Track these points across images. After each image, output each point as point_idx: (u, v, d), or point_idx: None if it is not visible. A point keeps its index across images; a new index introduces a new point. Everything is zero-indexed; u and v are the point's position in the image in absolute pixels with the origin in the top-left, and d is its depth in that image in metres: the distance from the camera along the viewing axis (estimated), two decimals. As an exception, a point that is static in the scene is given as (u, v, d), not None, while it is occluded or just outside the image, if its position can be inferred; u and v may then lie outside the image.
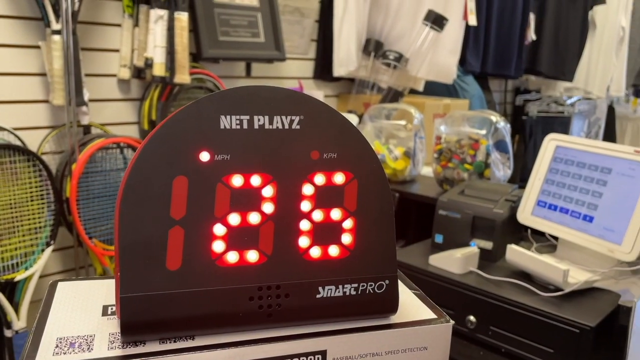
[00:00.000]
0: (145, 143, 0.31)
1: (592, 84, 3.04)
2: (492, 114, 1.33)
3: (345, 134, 0.34)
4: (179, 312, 0.31)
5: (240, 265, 0.32)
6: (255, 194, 0.32)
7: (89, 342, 0.31)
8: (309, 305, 0.33)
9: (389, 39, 2.08)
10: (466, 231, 1.08)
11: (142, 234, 0.30)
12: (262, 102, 0.33)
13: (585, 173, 0.98)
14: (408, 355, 0.35)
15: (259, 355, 0.32)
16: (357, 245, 0.34)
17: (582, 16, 2.76)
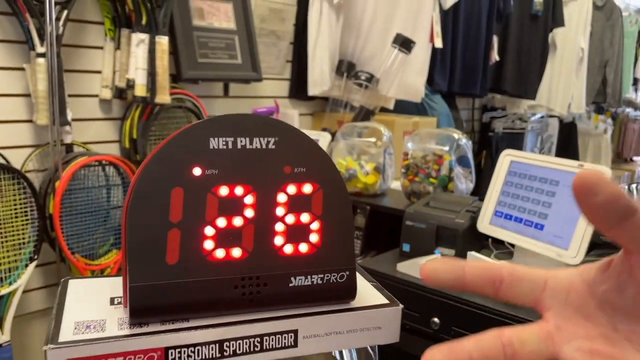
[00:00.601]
0: (148, 159, 0.38)
1: (555, 101, 3.21)
2: (454, 131, 1.43)
3: (312, 152, 0.42)
4: (176, 298, 0.38)
5: (227, 260, 0.39)
6: (239, 202, 0.40)
7: (102, 324, 0.38)
8: (283, 292, 0.41)
9: (361, 60, 2.18)
10: (431, 240, 1.16)
11: (146, 235, 0.37)
12: (244, 127, 0.40)
13: (536, 185, 1.08)
14: (365, 333, 0.42)
15: (241, 334, 0.39)
16: (322, 243, 0.42)
17: (543, 38, 2.93)
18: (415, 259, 1.13)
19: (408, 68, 2.14)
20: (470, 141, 1.42)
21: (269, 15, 2.04)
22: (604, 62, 3.62)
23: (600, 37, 3.52)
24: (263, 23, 2.02)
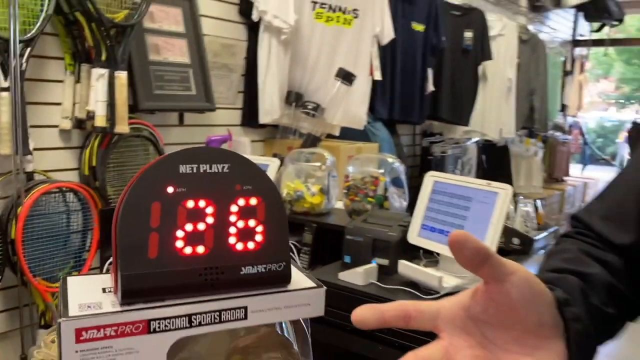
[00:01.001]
0: (133, 181, 0.52)
1: (488, 127, 3.49)
2: (389, 156, 1.61)
3: (257, 174, 0.56)
4: (156, 284, 0.51)
5: (193, 255, 0.53)
6: (202, 212, 0.54)
7: (99, 305, 0.50)
8: (236, 278, 0.54)
9: (308, 91, 2.36)
10: (368, 251, 1.32)
11: (133, 236, 0.51)
12: (205, 156, 0.54)
13: (454, 201, 1.27)
14: (298, 309, 0.57)
15: (204, 310, 0.53)
16: (265, 241, 0.56)
17: (474, 70, 3.21)
18: (355, 268, 1.28)
19: (351, 98, 2.34)
20: (402, 165, 1.61)
21: (221, 50, 2.19)
22: (530, 90, 3.97)
23: (527, 68, 3.87)
24: (216, 57, 2.16)
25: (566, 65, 5.21)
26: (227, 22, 2.20)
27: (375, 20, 2.37)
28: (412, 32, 2.69)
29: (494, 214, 1.19)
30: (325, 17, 2.29)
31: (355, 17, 2.33)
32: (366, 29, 2.36)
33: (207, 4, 2.10)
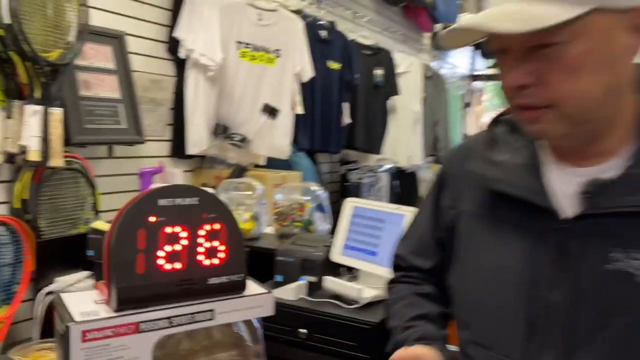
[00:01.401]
0: (122, 211, 0.66)
1: (398, 155, 3.82)
2: (313, 184, 1.80)
3: (219, 205, 0.72)
4: (143, 293, 0.65)
5: (172, 270, 0.67)
6: (177, 236, 0.68)
7: (97, 312, 0.63)
8: (205, 287, 0.69)
9: (234, 123, 2.50)
10: (297, 270, 1.49)
11: (124, 256, 0.64)
12: (179, 192, 0.69)
13: (370, 223, 1.47)
14: (253, 310, 0.72)
15: (181, 313, 0.67)
16: (227, 257, 0.71)
17: (384, 103, 3.53)
18: (285, 286, 1.44)
19: (276, 130, 2.52)
20: (325, 192, 1.80)
21: (150, 85, 2.29)
22: (435, 122, 4.38)
23: (431, 101, 4.28)
24: (145, 92, 2.26)
25: (465, 98, 5.76)
26: (155, 58, 2.31)
27: (296, 60, 2.59)
28: (329, 70, 2.94)
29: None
30: (250, 56, 2.47)
31: (278, 56, 2.54)
32: (288, 68, 2.57)
33: (136, 42, 2.21)
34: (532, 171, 0.76)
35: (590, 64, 0.66)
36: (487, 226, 0.80)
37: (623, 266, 0.68)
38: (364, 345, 1.28)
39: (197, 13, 2.31)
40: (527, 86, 0.68)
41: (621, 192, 0.69)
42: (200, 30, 2.31)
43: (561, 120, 0.69)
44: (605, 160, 0.73)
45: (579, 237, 0.71)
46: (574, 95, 0.67)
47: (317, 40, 2.87)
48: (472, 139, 0.93)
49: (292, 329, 1.37)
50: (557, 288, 0.72)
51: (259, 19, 2.48)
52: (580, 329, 0.70)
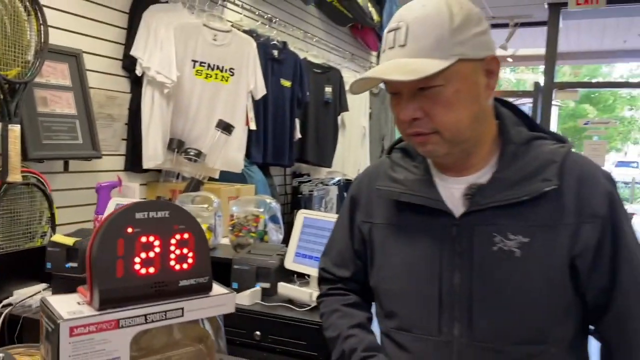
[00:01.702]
0: (103, 222, 0.76)
1: (347, 168, 3.99)
2: (267, 197, 1.92)
3: (188, 216, 0.83)
4: (122, 294, 0.75)
5: (147, 274, 0.78)
6: (152, 244, 0.79)
7: (81, 312, 0.73)
8: (176, 289, 0.80)
9: (190, 138, 2.59)
10: (252, 278, 1.59)
11: (105, 262, 0.74)
12: (152, 207, 0.80)
13: (319, 232, 1.60)
14: (217, 308, 0.84)
15: (155, 310, 0.77)
16: (195, 263, 0.83)
17: (334, 119, 3.70)
18: (241, 292, 1.54)
19: (230, 145, 2.62)
20: (278, 204, 1.92)
21: (106, 101, 2.35)
22: (382, 136, 4.60)
23: (378, 117, 4.50)
24: (101, 108, 2.32)
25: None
26: (111, 76, 2.37)
27: (250, 78, 2.71)
28: (281, 87, 3.08)
29: (350, 241, 1.55)
30: (204, 74, 2.57)
31: (232, 75, 2.65)
32: (242, 85, 2.68)
33: (92, 60, 2.27)
34: (427, 184, 0.96)
35: (461, 100, 0.87)
36: (397, 232, 0.99)
37: (503, 246, 0.88)
38: (313, 344, 1.40)
39: (153, 32, 2.39)
40: (416, 119, 0.88)
41: (492, 192, 0.90)
42: (156, 49, 2.39)
43: (443, 143, 0.89)
44: (479, 170, 0.94)
45: (468, 228, 0.91)
46: (451, 124, 0.87)
47: (270, 59, 3.01)
48: (374, 166, 1.12)
49: (248, 332, 1.47)
50: (456, 271, 0.91)
51: (214, 39, 2.59)
52: (477, 302, 0.89)
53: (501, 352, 0.88)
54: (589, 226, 0.88)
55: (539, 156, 0.91)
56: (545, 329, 0.89)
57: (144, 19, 2.37)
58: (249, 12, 3.10)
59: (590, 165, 0.93)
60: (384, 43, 0.91)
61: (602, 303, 0.92)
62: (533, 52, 7.02)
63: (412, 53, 0.85)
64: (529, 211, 0.88)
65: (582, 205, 0.89)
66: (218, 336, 0.91)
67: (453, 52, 0.85)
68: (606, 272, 0.90)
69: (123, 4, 2.38)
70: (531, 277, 0.88)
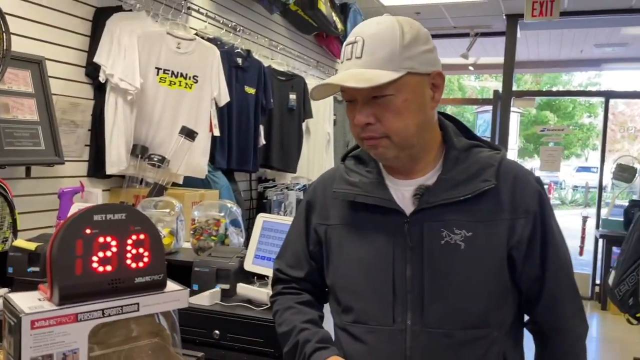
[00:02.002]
0: (64, 224, 0.82)
1: (312, 173, 4.07)
2: (228, 202, 1.98)
3: (144, 219, 0.90)
4: (81, 291, 0.81)
5: (104, 272, 0.84)
6: (109, 245, 0.85)
7: (42, 307, 0.79)
8: (133, 285, 0.87)
9: (153, 144, 2.63)
10: (213, 279, 1.66)
11: (65, 261, 0.80)
12: (109, 209, 0.86)
13: (278, 235, 1.68)
14: (171, 303, 0.90)
15: (112, 305, 0.84)
16: (150, 261, 0.89)
17: (299, 125, 3.78)
18: (202, 293, 1.60)
19: (193, 151, 2.67)
20: (239, 209, 1.99)
21: (69, 108, 2.37)
22: (346, 142, 4.71)
23: (342, 123, 4.60)
24: (64, 114, 2.34)
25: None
26: (74, 82, 2.40)
27: (213, 85, 2.77)
28: (245, 94, 3.15)
29: (306, 243, 1.63)
30: (168, 82, 2.62)
31: (196, 82, 2.71)
32: (205, 92, 2.74)
33: (55, 67, 2.29)
34: (379, 186, 1.05)
35: (409, 109, 0.97)
36: (353, 231, 1.06)
37: (449, 240, 0.98)
38: (270, 341, 1.47)
39: (117, 40, 2.43)
40: (369, 124, 0.97)
41: (438, 191, 1.00)
42: (119, 56, 2.43)
43: (392, 147, 0.99)
44: (425, 173, 1.05)
45: (418, 225, 1.00)
46: (399, 130, 0.97)
47: (234, 66, 3.07)
48: (328, 173, 1.20)
49: (207, 331, 1.53)
50: (408, 264, 0.99)
51: (177, 47, 2.64)
52: (427, 291, 0.98)
53: (450, 336, 0.97)
54: (523, 221, 1.00)
55: (479, 160, 1.02)
56: (487, 314, 0.99)
57: (107, 26, 2.41)
58: (213, 20, 3.16)
59: (522, 169, 1.06)
60: (342, 55, 1.00)
61: (534, 290, 1.03)
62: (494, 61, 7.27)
63: (367, 64, 0.94)
64: (471, 208, 0.99)
65: (517, 203, 1.00)
66: (173, 331, 0.97)
67: (403, 66, 0.95)
68: (537, 262, 1.02)
69: (86, 12, 2.41)
70: (474, 267, 0.98)
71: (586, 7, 5.27)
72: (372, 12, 5.21)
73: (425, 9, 5.32)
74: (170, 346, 0.96)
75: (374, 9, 5.13)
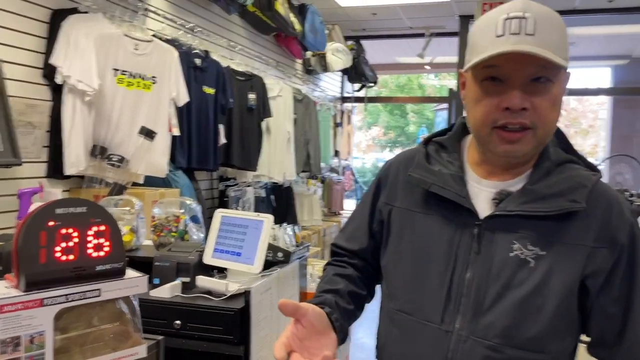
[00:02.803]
0: (28, 216, 0.89)
1: (273, 171, 4.16)
2: (188, 199, 2.05)
3: (103, 212, 0.97)
4: (45, 277, 0.88)
5: (67, 260, 0.91)
6: (70, 236, 0.92)
7: (9, 293, 0.85)
8: (94, 273, 0.94)
9: (112, 145, 2.66)
10: (173, 273, 1.73)
11: (30, 251, 0.87)
12: (70, 203, 0.93)
13: (236, 229, 1.76)
14: (131, 289, 0.98)
15: (75, 291, 0.91)
16: (110, 251, 0.97)
17: (258, 125, 3.86)
18: (162, 286, 1.67)
19: (153, 150, 2.72)
20: (199, 205, 2.06)
21: (26, 109, 2.38)
22: (306, 140, 4.81)
23: (302, 122, 4.70)
24: (21, 116, 2.35)
25: (336, 118, 6.31)
26: (31, 84, 2.41)
27: (172, 86, 2.82)
28: (204, 94, 3.20)
29: (262, 236, 1.72)
30: (126, 82, 2.66)
31: (154, 82, 2.75)
32: (164, 93, 2.79)
33: (11, 68, 2.30)
34: (458, 180, 0.97)
35: (557, 103, 0.90)
36: (418, 219, 1.01)
37: (520, 254, 0.91)
38: (229, 328, 1.56)
39: (73, 42, 2.45)
40: (525, 109, 0.87)
41: (520, 201, 0.92)
42: (76, 58, 2.45)
43: (533, 141, 0.90)
44: (512, 178, 0.97)
45: (490, 230, 0.93)
46: (549, 122, 0.90)
47: (192, 67, 3.13)
48: (407, 153, 1.11)
49: (168, 321, 1.61)
50: (470, 268, 0.94)
51: (135, 49, 2.68)
52: (485, 299, 0.92)
53: (498, 351, 0.90)
54: (607, 251, 0.90)
55: (571, 178, 0.93)
56: (544, 340, 0.91)
57: (63, 28, 2.43)
58: (170, 21, 3.20)
59: (617, 196, 0.96)
60: (497, 26, 0.86)
61: (612, 332, 0.93)
62: (450, 60, 7.51)
63: (541, 43, 0.84)
64: (552, 227, 0.91)
65: (605, 231, 0.91)
66: (134, 316, 1.05)
67: (566, 57, 0.87)
68: (616, 299, 0.92)
69: (42, 14, 2.43)
70: (541, 287, 0.90)
71: (533, 9, 5.53)
72: (329, 12, 5.34)
73: (382, 10, 5.47)
74: (132, 330, 1.03)
75: (331, 9, 5.26)
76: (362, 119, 15.39)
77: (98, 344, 0.97)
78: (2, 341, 0.83)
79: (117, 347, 1.00)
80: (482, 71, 0.89)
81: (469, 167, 1.01)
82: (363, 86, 6.82)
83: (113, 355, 0.99)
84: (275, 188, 4.51)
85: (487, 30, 0.88)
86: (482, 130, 0.92)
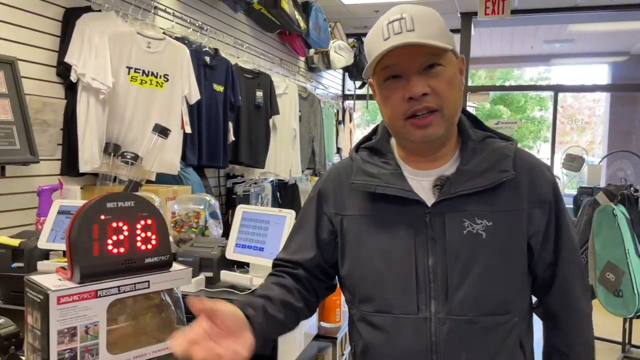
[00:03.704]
0: (80, 211, 0.91)
1: (279, 169, 4.18)
2: (207, 195, 2.07)
3: (150, 206, 0.99)
4: (98, 270, 0.90)
5: (118, 253, 0.93)
6: (121, 229, 0.94)
7: (65, 285, 0.88)
8: (143, 265, 0.96)
9: (125, 142, 2.67)
10: (196, 268, 1.75)
11: (84, 244, 0.90)
12: (120, 198, 0.96)
13: (258, 224, 1.79)
14: (177, 281, 1.00)
15: (126, 283, 0.93)
16: (157, 244, 0.99)
17: (265, 122, 3.88)
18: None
19: (166, 148, 2.73)
20: (217, 201, 2.08)
21: (42, 107, 2.40)
22: (311, 138, 4.83)
23: (307, 119, 4.72)
24: (37, 114, 2.36)
25: (338, 115, 6.33)
26: (46, 82, 2.42)
27: (184, 84, 2.84)
28: (214, 92, 3.22)
29: (285, 231, 1.74)
30: (139, 80, 2.67)
31: (167, 80, 2.76)
32: (176, 91, 2.80)
33: (27, 67, 2.31)
34: (399, 177, 1.04)
35: (455, 83, 0.99)
36: (373, 221, 1.05)
37: (471, 229, 0.99)
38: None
39: (87, 40, 2.46)
40: (426, 94, 0.95)
41: (459, 182, 1.00)
42: (90, 56, 2.46)
43: (443, 122, 0.98)
44: (443, 164, 1.04)
45: (439, 215, 1.00)
46: (452, 102, 0.98)
47: (203, 65, 3.14)
48: (340, 164, 1.17)
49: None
50: (430, 254, 1.00)
51: (147, 47, 2.69)
52: (451, 279, 0.98)
53: (475, 322, 0.97)
54: (539, 211, 1.03)
55: (495, 150, 1.03)
56: (508, 300, 1.00)
57: (78, 26, 2.44)
58: (180, 19, 3.21)
59: (535, 159, 1.08)
60: (383, 32, 0.95)
61: (548, 275, 1.06)
62: (449, 58, 7.54)
63: (422, 35, 0.93)
64: (491, 198, 1.00)
65: (533, 193, 1.03)
66: (177, 307, 1.07)
67: (449, 42, 0.96)
68: (552, 248, 1.05)
69: (56, 12, 2.44)
70: (496, 255, 0.98)
71: (535, 6, 5.58)
72: (331, 10, 5.36)
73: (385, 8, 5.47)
74: (175, 322, 1.06)
75: (333, 7, 5.27)
76: (360, 116, 15.40)
77: (144, 336, 0.99)
78: (60, 331, 0.85)
79: (161, 339, 1.03)
80: (381, 73, 0.99)
81: (403, 164, 1.07)
82: (364, 84, 6.84)
83: (158, 346, 1.01)
84: (281, 185, 4.53)
85: (375, 38, 0.98)
86: (396, 124, 1.01)
